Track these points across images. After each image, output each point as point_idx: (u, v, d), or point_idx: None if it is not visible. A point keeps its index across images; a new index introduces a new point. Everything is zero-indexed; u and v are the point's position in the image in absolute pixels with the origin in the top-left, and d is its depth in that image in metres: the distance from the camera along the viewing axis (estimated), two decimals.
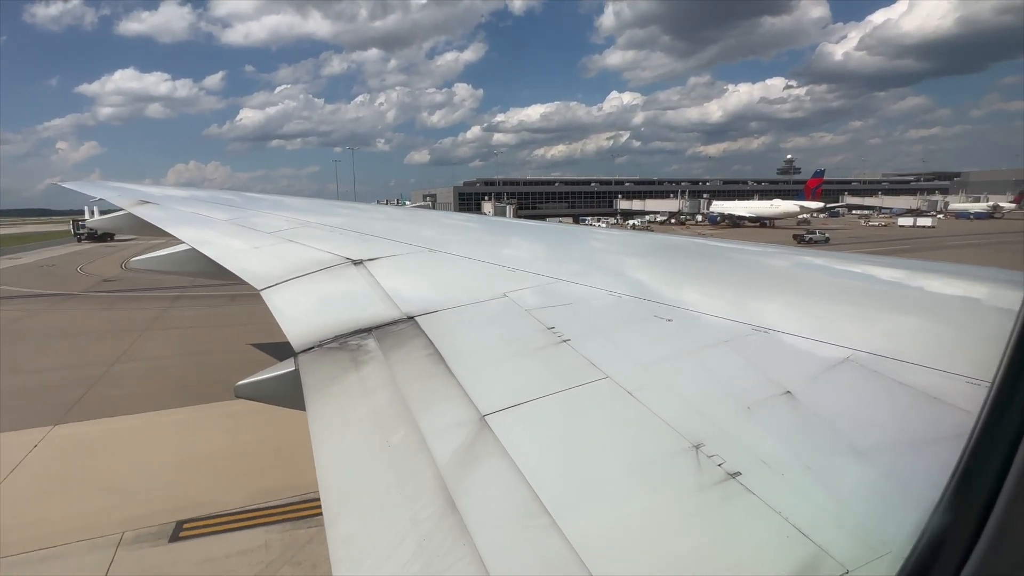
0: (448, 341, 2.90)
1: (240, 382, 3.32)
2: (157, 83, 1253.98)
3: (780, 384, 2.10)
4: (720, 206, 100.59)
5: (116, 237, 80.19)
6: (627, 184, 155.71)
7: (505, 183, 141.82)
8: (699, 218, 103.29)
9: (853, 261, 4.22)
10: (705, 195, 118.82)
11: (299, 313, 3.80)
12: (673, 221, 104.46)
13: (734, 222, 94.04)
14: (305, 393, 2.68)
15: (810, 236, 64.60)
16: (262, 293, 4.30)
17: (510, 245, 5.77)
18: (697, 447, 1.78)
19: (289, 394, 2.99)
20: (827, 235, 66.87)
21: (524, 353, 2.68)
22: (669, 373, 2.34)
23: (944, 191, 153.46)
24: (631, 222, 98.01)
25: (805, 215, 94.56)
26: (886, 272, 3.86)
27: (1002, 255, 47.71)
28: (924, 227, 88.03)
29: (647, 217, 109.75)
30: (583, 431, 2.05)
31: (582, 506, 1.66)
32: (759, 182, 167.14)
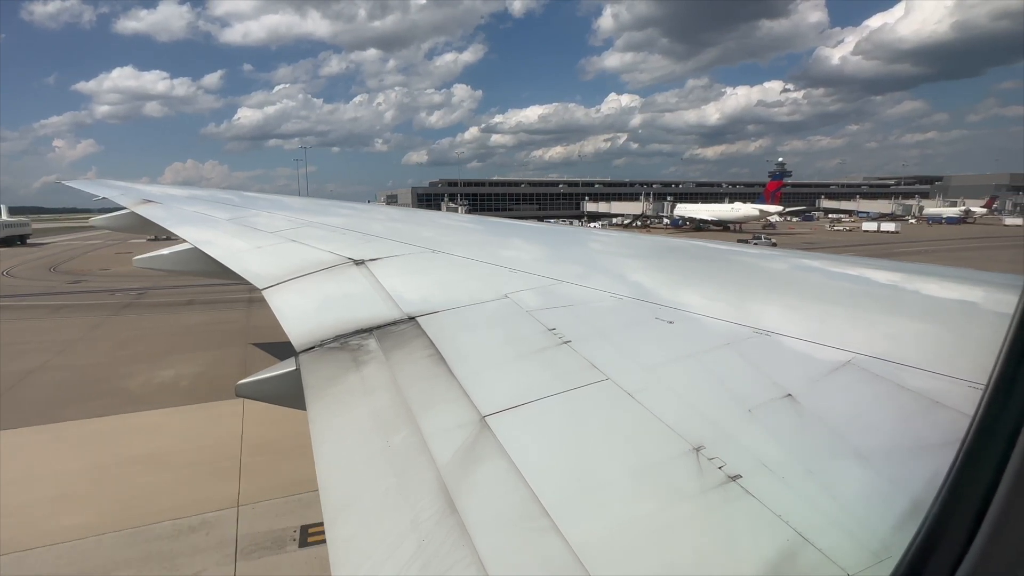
0: (449, 342, 2.90)
1: (241, 381, 3.32)
2: (155, 81, 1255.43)
3: (781, 387, 2.10)
4: (683, 209, 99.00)
5: (29, 240, 74.94)
6: (596, 185, 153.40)
7: (467, 184, 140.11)
8: (666, 221, 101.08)
9: (854, 264, 4.21)
10: (669, 197, 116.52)
11: (300, 313, 3.80)
12: (637, 224, 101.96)
13: (697, 225, 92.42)
14: (306, 393, 2.68)
15: (755, 241, 63.89)
16: (264, 292, 4.30)
17: (511, 246, 5.77)
18: (698, 449, 1.78)
19: (290, 394, 2.99)
20: (773, 240, 66.27)
21: (525, 354, 2.67)
22: (670, 375, 2.34)
23: (925, 195, 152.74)
24: (592, 225, 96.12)
25: (778, 218, 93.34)
26: (887, 275, 3.86)
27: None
28: (888, 232, 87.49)
29: (614, 220, 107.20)
30: (584, 433, 2.05)
31: (582, 508, 1.66)
32: (734, 184, 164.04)
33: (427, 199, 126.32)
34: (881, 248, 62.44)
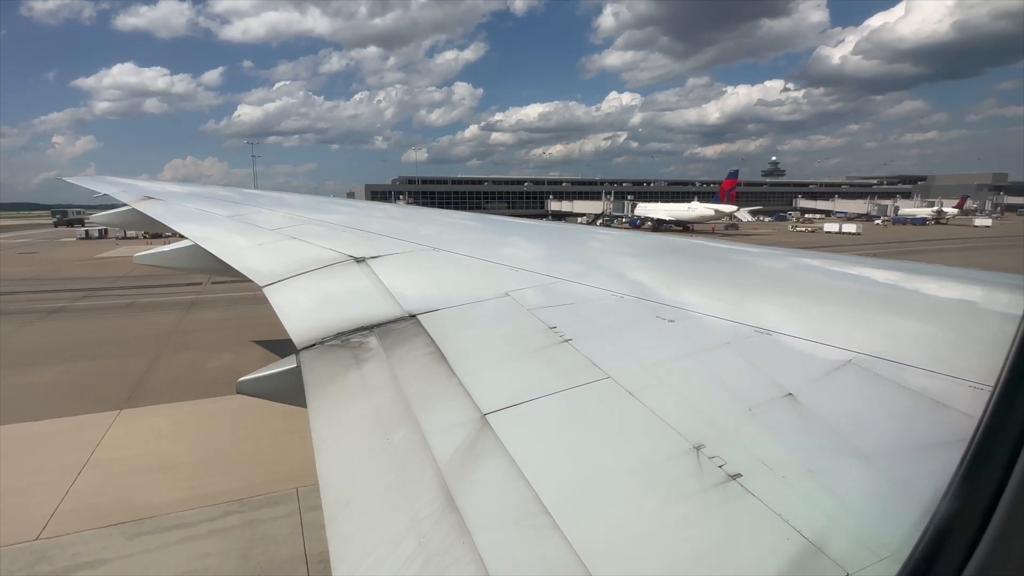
0: (450, 340, 2.90)
1: (242, 378, 3.32)
2: (155, 78, 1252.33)
3: (782, 386, 2.09)
4: (642, 208, 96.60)
5: None
6: (564, 184, 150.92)
7: (426, 182, 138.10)
8: (625, 221, 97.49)
9: (854, 263, 4.21)
10: (629, 197, 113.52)
11: (301, 310, 3.80)
12: (599, 223, 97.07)
13: (656, 226, 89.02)
14: (307, 390, 2.68)
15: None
16: (264, 290, 4.30)
17: (512, 244, 5.77)
18: (698, 448, 1.78)
19: (290, 391, 2.99)
20: None
21: (526, 352, 2.67)
22: (671, 374, 2.33)
23: (907, 195, 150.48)
24: None
25: (750, 218, 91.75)
26: (888, 275, 3.85)
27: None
28: (848, 233, 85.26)
29: (579, 219, 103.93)
30: (584, 431, 2.05)
31: (582, 506, 1.66)
32: (708, 183, 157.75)
33: (382, 196, 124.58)
34: (826, 250, 57.97)
